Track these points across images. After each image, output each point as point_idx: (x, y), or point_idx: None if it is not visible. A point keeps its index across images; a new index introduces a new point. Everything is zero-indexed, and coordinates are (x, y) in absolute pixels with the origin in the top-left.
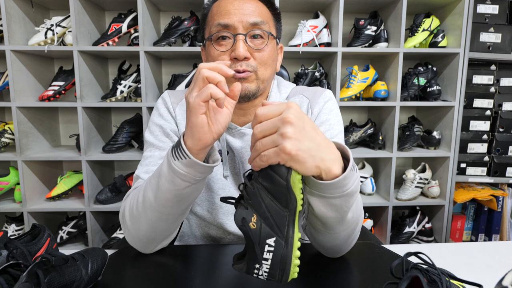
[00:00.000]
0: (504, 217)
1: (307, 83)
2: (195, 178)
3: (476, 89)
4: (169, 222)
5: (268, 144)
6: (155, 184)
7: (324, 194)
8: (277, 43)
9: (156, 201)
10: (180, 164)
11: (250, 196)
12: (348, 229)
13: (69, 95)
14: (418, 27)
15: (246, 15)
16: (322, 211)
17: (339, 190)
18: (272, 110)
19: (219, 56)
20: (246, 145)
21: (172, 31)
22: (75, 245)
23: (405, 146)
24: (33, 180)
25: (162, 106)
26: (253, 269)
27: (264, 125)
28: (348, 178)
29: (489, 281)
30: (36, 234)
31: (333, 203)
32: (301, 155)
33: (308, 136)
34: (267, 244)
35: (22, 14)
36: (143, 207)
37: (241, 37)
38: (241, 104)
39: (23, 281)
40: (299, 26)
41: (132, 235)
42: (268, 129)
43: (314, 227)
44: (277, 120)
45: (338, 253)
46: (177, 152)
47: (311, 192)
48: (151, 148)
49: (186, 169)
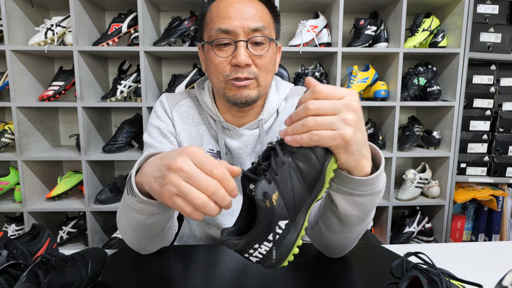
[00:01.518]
0: (504, 217)
1: None
2: (153, 212)
3: (476, 89)
4: (150, 239)
5: (325, 125)
6: (123, 208)
7: (353, 191)
8: (276, 44)
9: (128, 225)
10: (133, 200)
11: (279, 171)
12: (364, 229)
13: (69, 95)
14: (418, 27)
15: (247, 20)
16: (346, 209)
17: (369, 187)
18: (334, 91)
19: (220, 63)
20: (243, 146)
21: (172, 31)
22: (75, 245)
23: (405, 146)
24: (33, 180)
25: (160, 108)
26: (249, 249)
27: (324, 104)
28: (380, 176)
29: (489, 281)
30: (36, 234)
31: (358, 201)
32: (354, 146)
33: (362, 129)
34: (277, 226)
35: (22, 14)
36: (122, 224)
37: (243, 44)
38: (240, 108)
39: (23, 281)
40: (299, 26)
41: (126, 240)
42: (328, 109)
43: (328, 226)
44: (340, 104)
45: (341, 253)
46: (129, 188)
47: (338, 189)
48: (148, 149)
49: (140, 206)
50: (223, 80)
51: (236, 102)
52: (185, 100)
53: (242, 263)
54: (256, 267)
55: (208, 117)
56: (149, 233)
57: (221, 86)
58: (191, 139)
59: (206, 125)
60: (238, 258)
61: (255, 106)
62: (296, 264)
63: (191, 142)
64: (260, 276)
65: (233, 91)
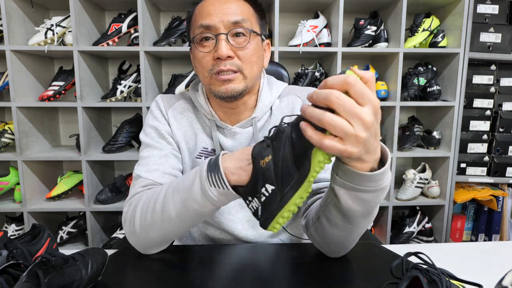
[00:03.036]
0: (504, 217)
1: (307, 83)
2: (225, 203)
3: (476, 89)
4: (182, 232)
5: (338, 130)
6: (179, 202)
7: (358, 187)
8: (262, 40)
9: (177, 217)
10: (216, 192)
11: (277, 138)
12: (368, 225)
13: (69, 95)
14: (418, 27)
15: (227, 15)
16: (349, 205)
17: (375, 183)
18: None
19: (203, 58)
20: (237, 144)
21: (172, 31)
22: (75, 245)
23: (405, 146)
24: (33, 180)
25: (156, 109)
26: (245, 198)
27: (345, 104)
28: (386, 173)
29: (489, 281)
30: (36, 234)
31: (363, 197)
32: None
33: (374, 143)
34: (264, 188)
35: (22, 14)
36: (160, 219)
37: (223, 37)
38: (230, 103)
39: (23, 281)
40: (299, 26)
41: (138, 239)
42: (345, 111)
43: (331, 220)
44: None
45: (341, 251)
46: (216, 180)
47: (343, 184)
48: (148, 149)
49: (220, 197)
50: (208, 75)
51: (222, 96)
52: (179, 101)
53: (241, 263)
54: (256, 267)
55: (203, 117)
56: (196, 223)
57: (207, 81)
58: (186, 138)
59: (200, 124)
60: (237, 258)
61: (245, 102)
62: (296, 264)
63: (186, 141)
64: (260, 276)
65: (218, 85)
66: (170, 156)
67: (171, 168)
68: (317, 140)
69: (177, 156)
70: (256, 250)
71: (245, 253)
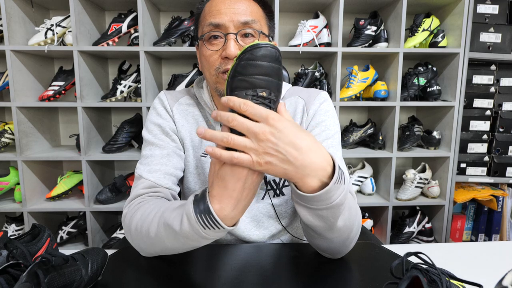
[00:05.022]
0: (504, 217)
1: (307, 83)
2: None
3: (476, 89)
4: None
5: (240, 147)
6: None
7: (309, 206)
8: (269, 41)
9: (172, 247)
10: (211, 232)
11: None
12: (341, 236)
13: (69, 95)
14: (418, 27)
15: (237, 15)
16: (310, 220)
17: (323, 202)
18: (254, 112)
19: (211, 56)
20: None
21: (172, 31)
22: (75, 245)
23: (405, 146)
24: (33, 180)
25: (159, 105)
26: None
27: (241, 125)
28: (332, 192)
29: (489, 281)
30: (36, 234)
31: (319, 214)
32: (271, 168)
33: (282, 151)
34: None
35: (22, 14)
36: (153, 244)
37: (232, 37)
38: None
39: (23, 281)
40: (299, 26)
41: (133, 244)
42: (243, 131)
43: (307, 232)
44: (252, 131)
45: (336, 255)
46: (208, 222)
47: (297, 202)
48: (150, 147)
49: (217, 235)
50: (215, 74)
51: None
52: (184, 98)
53: (241, 263)
54: (256, 267)
55: (207, 115)
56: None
57: (213, 79)
58: (191, 135)
59: (206, 122)
60: (237, 258)
61: None
62: (296, 264)
63: (191, 138)
64: (260, 276)
65: (224, 84)
66: (173, 155)
67: (173, 168)
68: (228, 157)
69: (180, 155)
70: (257, 250)
71: (245, 253)
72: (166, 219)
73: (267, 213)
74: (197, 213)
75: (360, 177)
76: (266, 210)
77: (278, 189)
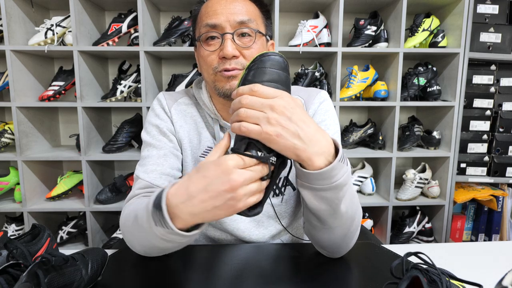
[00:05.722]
0: (504, 217)
1: (307, 83)
2: (181, 242)
3: (476, 89)
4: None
5: (252, 118)
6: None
7: (312, 185)
8: (267, 40)
9: (145, 246)
10: (163, 231)
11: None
12: (344, 225)
13: (69, 95)
14: (418, 27)
15: (233, 14)
16: (314, 204)
17: (327, 181)
18: (268, 92)
19: (208, 56)
20: None
21: (172, 31)
22: (75, 245)
23: (405, 146)
24: (33, 180)
25: (157, 106)
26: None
27: (254, 100)
28: (336, 170)
29: (489, 281)
30: (36, 234)
31: (323, 195)
32: (281, 141)
33: (293, 126)
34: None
35: (22, 14)
36: (133, 236)
37: (229, 36)
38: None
39: (23, 281)
40: (299, 26)
41: (126, 242)
42: (256, 106)
43: (310, 222)
44: (266, 104)
45: (337, 252)
46: (159, 218)
47: (302, 185)
48: (148, 148)
49: (171, 237)
50: (213, 73)
51: (226, 94)
52: (183, 98)
53: (242, 263)
54: (256, 267)
55: (206, 115)
56: (165, 252)
57: (211, 79)
58: (190, 136)
59: (204, 122)
60: (237, 258)
61: None
62: (296, 264)
63: (190, 139)
64: (260, 277)
65: (223, 82)
66: (170, 155)
67: (170, 168)
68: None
69: (177, 155)
70: (257, 250)
71: (245, 253)
72: (137, 211)
73: (267, 213)
74: (155, 201)
75: (360, 177)
76: (266, 210)
77: (278, 189)
